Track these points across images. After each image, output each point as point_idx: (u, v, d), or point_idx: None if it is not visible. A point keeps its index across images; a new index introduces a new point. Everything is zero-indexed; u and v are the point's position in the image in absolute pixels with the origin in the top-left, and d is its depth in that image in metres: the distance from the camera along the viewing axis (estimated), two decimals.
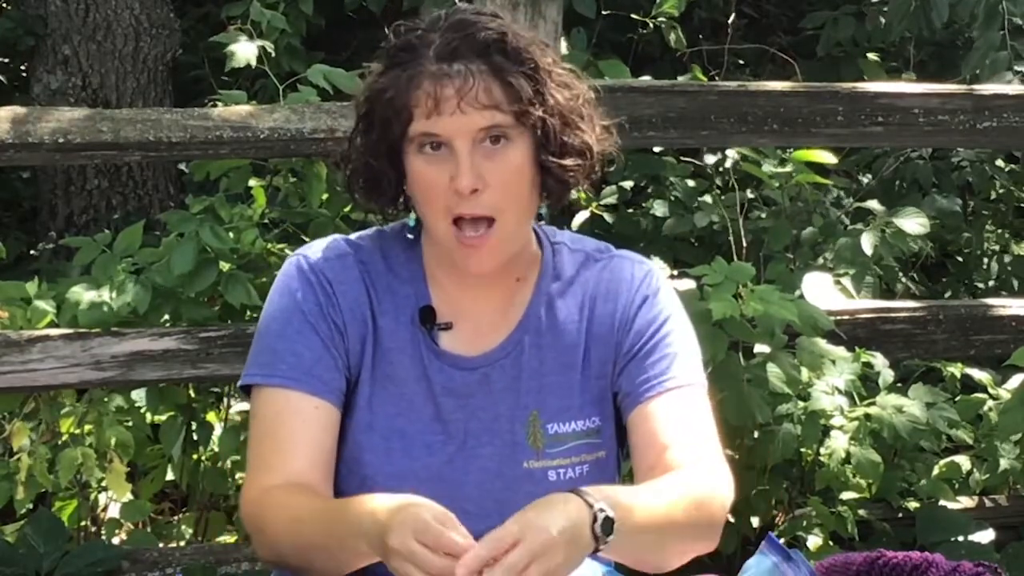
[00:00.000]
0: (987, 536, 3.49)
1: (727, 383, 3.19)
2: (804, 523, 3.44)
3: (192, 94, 5.39)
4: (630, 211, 4.51)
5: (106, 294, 3.12)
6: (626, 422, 1.90)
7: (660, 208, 4.36)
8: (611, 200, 4.33)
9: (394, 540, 1.58)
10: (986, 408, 3.60)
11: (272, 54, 3.80)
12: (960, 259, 5.29)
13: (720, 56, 5.37)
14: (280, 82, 3.52)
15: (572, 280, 1.93)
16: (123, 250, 3.26)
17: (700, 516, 1.79)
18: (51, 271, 4.34)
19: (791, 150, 3.90)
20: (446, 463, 1.87)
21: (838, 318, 3.40)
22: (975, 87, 3.69)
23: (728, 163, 4.17)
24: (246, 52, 3.69)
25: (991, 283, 5.13)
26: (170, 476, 3.44)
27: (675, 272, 3.63)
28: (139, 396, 3.33)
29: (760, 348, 3.28)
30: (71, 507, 3.35)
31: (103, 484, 3.32)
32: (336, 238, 1.94)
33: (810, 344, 3.28)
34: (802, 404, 3.25)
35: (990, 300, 3.96)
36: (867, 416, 3.27)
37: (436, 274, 1.91)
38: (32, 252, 5.22)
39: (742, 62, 5.93)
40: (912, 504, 3.60)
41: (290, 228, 3.45)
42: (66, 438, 3.25)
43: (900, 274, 4.53)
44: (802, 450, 3.36)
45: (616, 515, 1.63)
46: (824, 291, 3.55)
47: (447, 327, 1.89)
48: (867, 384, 3.35)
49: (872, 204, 4.16)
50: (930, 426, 3.34)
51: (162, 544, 3.44)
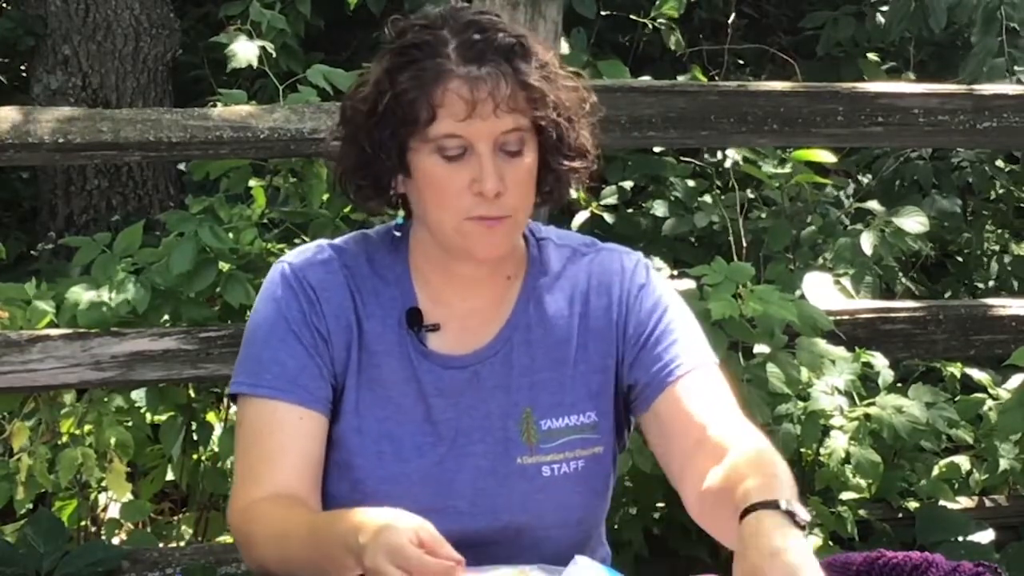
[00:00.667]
0: (987, 536, 3.49)
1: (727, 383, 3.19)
2: None
3: (192, 94, 5.39)
4: (630, 211, 4.51)
5: (106, 294, 3.12)
6: (645, 413, 1.89)
7: (660, 208, 4.36)
8: (611, 200, 4.33)
9: (369, 561, 1.59)
10: (986, 408, 3.60)
11: (272, 54, 3.80)
12: (960, 259, 5.29)
13: (720, 56, 5.37)
14: (280, 82, 3.52)
15: (559, 275, 1.93)
16: (123, 250, 3.26)
17: (788, 474, 1.75)
18: (51, 271, 4.34)
19: (791, 150, 3.90)
20: (437, 464, 1.86)
21: (838, 318, 3.40)
22: (975, 87, 3.69)
23: (728, 163, 4.17)
24: (247, 52, 3.70)
25: (991, 283, 5.13)
26: (170, 476, 3.44)
27: (675, 272, 3.63)
28: (139, 396, 3.33)
29: (760, 348, 3.29)
30: (71, 507, 3.35)
31: (103, 484, 3.33)
32: (320, 243, 1.93)
33: (810, 344, 3.28)
34: (802, 404, 3.25)
35: (990, 300, 3.96)
36: (867, 416, 3.27)
37: (425, 274, 1.90)
38: (32, 252, 5.22)
39: (742, 62, 5.94)
40: (912, 504, 3.60)
41: (290, 228, 3.45)
42: (66, 438, 3.26)
43: (900, 274, 4.53)
44: (802, 450, 3.36)
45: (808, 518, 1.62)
46: (824, 291, 3.55)
47: (434, 328, 1.89)
48: (867, 384, 3.35)
49: (872, 204, 4.16)
50: (930, 426, 3.34)
51: (162, 544, 3.45)
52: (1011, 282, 5.09)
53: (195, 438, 3.36)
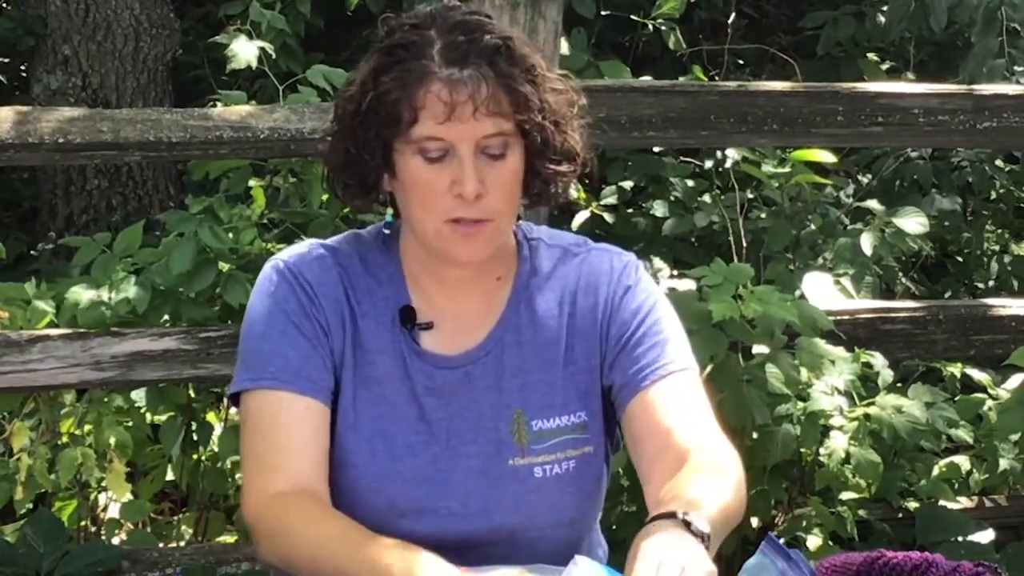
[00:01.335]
0: (987, 536, 3.49)
1: (726, 384, 3.19)
2: (804, 523, 3.44)
3: (192, 94, 5.39)
4: (630, 211, 4.51)
5: (106, 294, 3.12)
6: (623, 414, 1.90)
7: (660, 208, 4.36)
8: (611, 200, 4.33)
9: None
10: (986, 408, 3.60)
11: (272, 55, 3.80)
12: (960, 259, 5.29)
13: (720, 56, 5.37)
14: (280, 82, 3.52)
15: (550, 275, 1.93)
16: (123, 250, 3.26)
17: (742, 498, 1.78)
18: (51, 271, 4.34)
19: (791, 150, 3.90)
20: (430, 463, 1.86)
21: (838, 318, 3.40)
22: (975, 87, 3.69)
23: (728, 163, 4.16)
24: (247, 53, 3.70)
25: (991, 283, 5.14)
26: (170, 476, 3.44)
27: (675, 272, 3.63)
28: (139, 396, 3.33)
29: (759, 348, 3.29)
30: (71, 507, 3.35)
31: (103, 484, 3.32)
32: (312, 242, 1.94)
33: (809, 344, 3.27)
34: (801, 404, 3.25)
35: (990, 300, 3.96)
36: (866, 416, 3.27)
37: (416, 274, 1.90)
38: (32, 252, 5.22)
39: (742, 62, 5.93)
40: (912, 504, 3.60)
41: (290, 228, 3.45)
42: (66, 438, 3.26)
43: (900, 274, 4.54)
44: (802, 450, 3.36)
45: (709, 529, 1.62)
46: (824, 291, 3.55)
47: (428, 327, 1.89)
48: (867, 384, 3.35)
49: (872, 204, 4.16)
50: (930, 426, 3.33)
51: (162, 544, 3.45)
52: (1011, 282, 5.09)
53: (195, 438, 3.36)
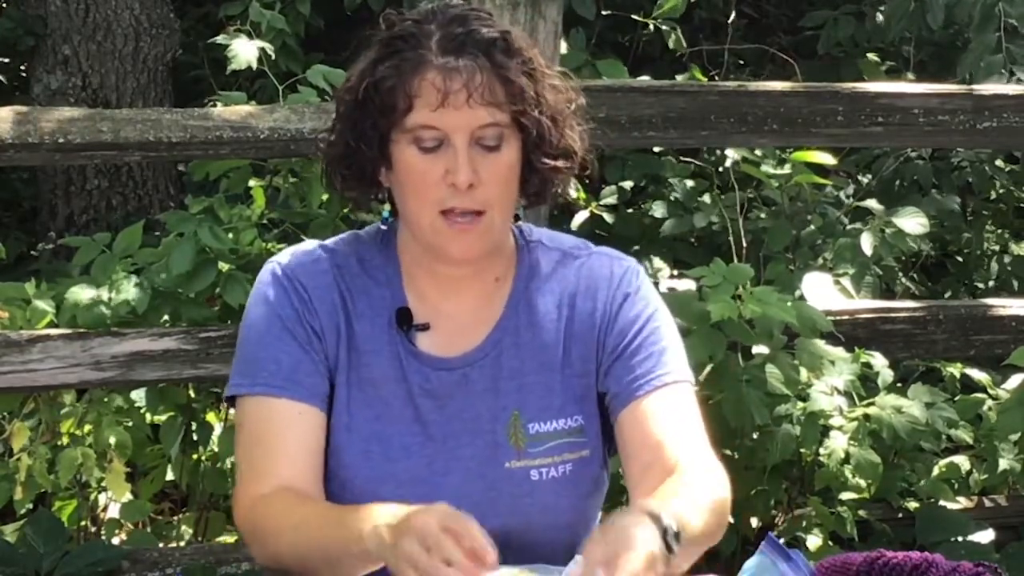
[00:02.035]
0: (987, 536, 3.49)
1: (726, 384, 3.19)
2: (804, 523, 3.44)
3: (192, 94, 5.39)
4: (630, 211, 4.51)
5: (105, 294, 3.12)
6: (615, 421, 1.90)
7: (660, 208, 4.36)
8: (611, 200, 4.33)
9: (393, 543, 1.58)
10: (986, 408, 3.60)
11: (271, 55, 3.80)
12: (960, 259, 5.29)
13: (720, 56, 5.37)
14: (280, 82, 3.51)
15: (549, 278, 1.93)
16: (123, 250, 3.26)
17: (721, 519, 1.80)
18: (51, 271, 4.34)
19: (791, 150, 3.90)
20: (426, 465, 1.86)
21: (838, 318, 3.40)
22: (975, 87, 3.69)
23: (728, 163, 4.16)
24: (247, 53, 3.69)
25: (991, 283, 5.14)
26: (170, 476, 3.44)
27: (675, 272, 3.63)
28: (139, 396, 3.33)
29: (759, 349, 3.29)
30: (71, 507, 3.35)
31: (103, 484, 3.32)
32: (311, 243, 1.94)
33: (809, 345, 3.28)
34: (801, 405, 3.25)
35: (990, 300, 3.97)
36: (866, 416, 3.27)
37: (414, 275, 1.90)
38: (32, 252, 5.22)
39: (742, 62, 5.93)
40: (912, 504, 3.60)
41: (290, 228, 3.45)
42: (66, 438, 3.25)
43: (900, 274, 4.54)
44: (801, 450, 3.36)
45: (680, 530, 1.63)
46: (824, 291, 3.55)
47: (424, 328, 1.89)
48: (867, 384, 3.35)
49: (872, 204, 4.16)
50: (929, 426, 3.34)
51: (162, 544, 3.45)
52: (1011, 282, 5.09)
53: (195, 438, 3.36)
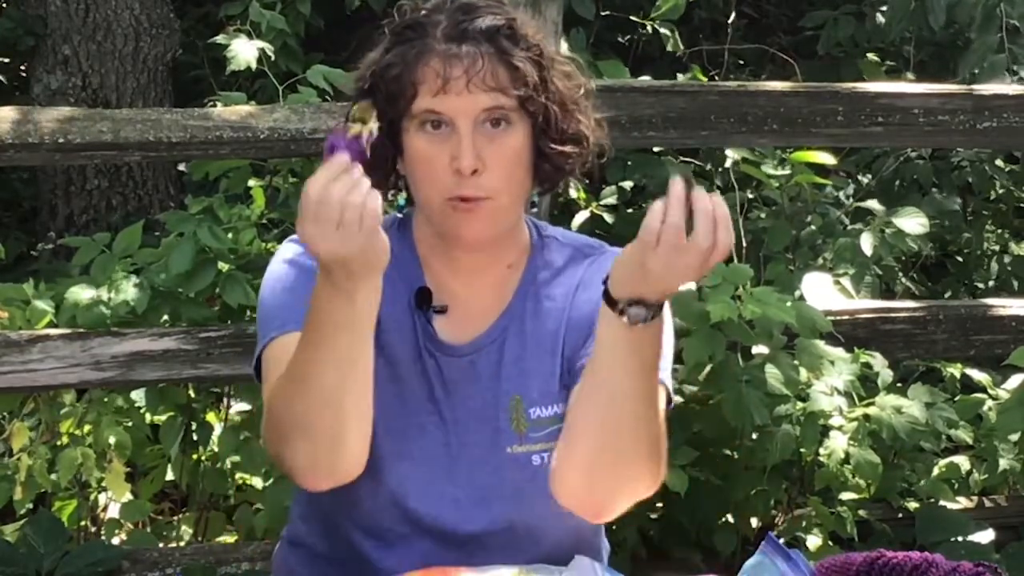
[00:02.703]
0: (987, 536, 3.49)
1: (725, 384, 3.20)
2: (804, 523, 3.44)
3: (192, 94, 5.38)
4: (630, 211, 4.50)
5: (105, 294, 3.12)
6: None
7: None
8: (611, 200, 4.32)
9: (305, 231, 1.62)
10: (986, 408, 3.60)
11: (272, 55, 3.80)
12: (960, 259, 5.29)
13: (720, 56, 5.37)
14: (280, 82, 3.51)
15: (560, 271, 1.94)
16: (122, 250, 3.26)
17: (657, 447, 1.76)
18: (51, 271, 4.34)
19: (791, 150, 3.90)
20: (440, 446, 1.88)
21: (838, 318, 3.40)
22: (975, 87, 3.69)
23: (728, 163, 4.16)
24: (247, 53, 3.69)
25: (991, 283, 5.14)
26: (170, 476, 3.44)
27: None
28: (139, 396, 3.33)
29: (759, 349, 3.29)
30: (71, 507, 3.35)
31: (103, 484, 3.33)
32: None
33: (809, 345, 3.28)
34: (801, 405, 3.25)
35: (990, 300, 3.97)
36: (866, 416, 3.27)
37: (429, 261, 1.91)
38: (32, 252, 5.22)
39: (742, 62, 5.93)
40: (912, 504, 3.60)
41: (290, 228, 3.45)
42: (66, 438, 3.26)
43: (900, 274, 4.54)
44: (801, 450, 3.36)
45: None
46: (824, 291, 3.55)
47: (443, 310, 1.90)
48: (867, 384, 3.36)
49: (872, 204, 4.16)
50: (929, 426, 3.34)
51: (162, 544, 3.45)
52: (1011, 282, 5.09)
53: (195, 438, 3.36)
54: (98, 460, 3.22)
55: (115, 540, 3.40)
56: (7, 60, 5.80)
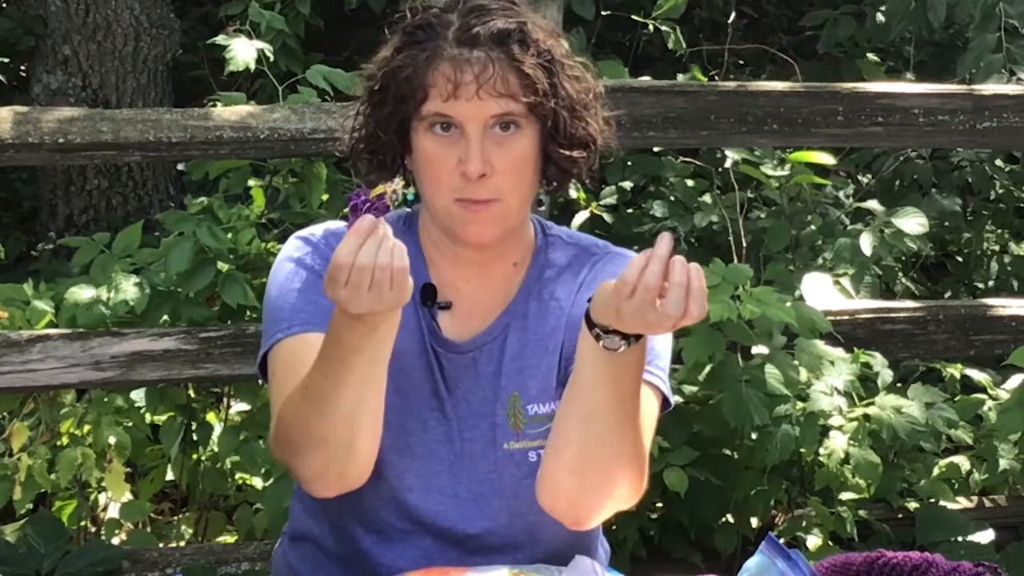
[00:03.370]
0: (987, 536, 3.49)
1: (725, 384, 3.20)
2: (804, 523, 3.44)
3: (192, 94, 5.38)
4: (630, 211, 4.51)
5: (105, 294, 3.12)
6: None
7: (660, 208, 4.35)
8: (611, 200, 4.33)
9: (335, 295, 1.63)
10: (986, 408, 3.60)
11: (271, 55, 3.80)
12: (960, 259, 5.29)
13: (720, 56, 5.36)
14: (279, 82, 3.51)
15: (564, 270, 1.94)
16: (122, 250, 3.26)
17: (638, 461, 1.78)
18: (51, 271, 4.34)
19: (791, 150, 3.90)
20: (442, 442, 1.88)
21: (838, 318, 3.40)
22: (975, 87, 3.69)
23: (728, 163, 4.16)
24: (246, 54, 3.69)
25: (991, 283, 5.13)
26: (170, 476, 3.44)
27: None
28: (139, 396, 3.33)
29: (758, 349, 3.28)
30: (71, 507, 3.35)
31: (103, 484, 3.32)
32: (334, 221, 1.96)
33: (809, 345, 3.28)
34: (801, 405, 3.25)
35: (990, 300, 3.97)
36: (866, 417, 3.27)
37: (434, 257, 1.92)
38: (32, 252, 5.22)
39: (742, 62, 5.93)
40: (912, 504, 3.60)
41: (290, 228, 3.45)
42: (66, 438, 3.25)
43: (900, 274, 4.53)
44: (801, 450, 3.36)
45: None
46: (823, 291, 3.55)
47: (447, 307, 1.90)
48: (866, 384, 3.35)
49: (872, 204, 4.16)
50: (929, 426, 3.34)
51: (162, 544, 3.45)
52: (1011, 282, 5.09)
53: (195, 438, 3.36)
54: (98, 460, 3.22)
55: (115, 540, 3.40)
56: (7, 60, 5.79)
